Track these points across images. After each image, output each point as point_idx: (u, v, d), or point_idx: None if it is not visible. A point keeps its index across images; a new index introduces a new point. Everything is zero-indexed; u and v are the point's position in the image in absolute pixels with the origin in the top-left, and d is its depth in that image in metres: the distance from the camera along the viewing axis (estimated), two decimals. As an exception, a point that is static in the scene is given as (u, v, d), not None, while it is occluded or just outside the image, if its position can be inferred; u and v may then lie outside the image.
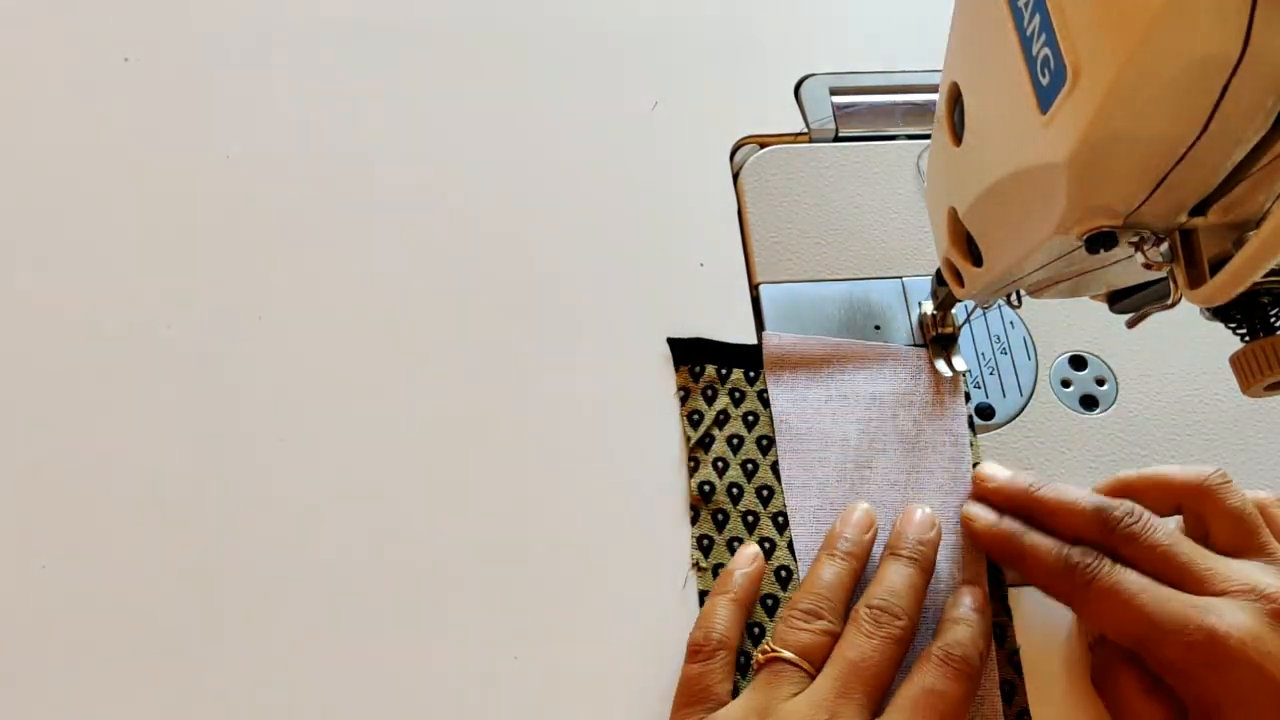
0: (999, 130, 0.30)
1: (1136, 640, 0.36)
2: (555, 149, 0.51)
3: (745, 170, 0.52)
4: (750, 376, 0.46)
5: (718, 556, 0.42)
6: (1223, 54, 0.22)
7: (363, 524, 0.42)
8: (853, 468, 0.44)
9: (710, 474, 0.43)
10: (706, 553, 0.42)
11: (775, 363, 0.46)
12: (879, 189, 0.51)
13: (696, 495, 0.43)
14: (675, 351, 0.46)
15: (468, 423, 0.44)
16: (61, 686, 0.38)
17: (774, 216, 0.50)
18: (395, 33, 0.54)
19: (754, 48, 0.56)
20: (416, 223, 0.49)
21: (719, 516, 0.43)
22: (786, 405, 0.45)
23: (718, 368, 0.46)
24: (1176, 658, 0.35)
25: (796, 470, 0.44)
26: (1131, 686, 0.37)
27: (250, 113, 0.51)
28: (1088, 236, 0.27)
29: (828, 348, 0.47)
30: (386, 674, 0.39)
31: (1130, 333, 0.36)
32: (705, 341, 0.46)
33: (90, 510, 0.41)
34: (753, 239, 0.50)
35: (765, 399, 0.45)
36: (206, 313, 0.46)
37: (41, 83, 0.50)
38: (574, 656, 0.40)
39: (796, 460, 0.44)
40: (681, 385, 0.46)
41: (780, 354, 0.46)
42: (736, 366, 0.46)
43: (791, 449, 0.44)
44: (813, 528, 0.43)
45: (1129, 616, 0.35)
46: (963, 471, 0.44)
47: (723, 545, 0.42)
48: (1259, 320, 0.30)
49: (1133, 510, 0.38)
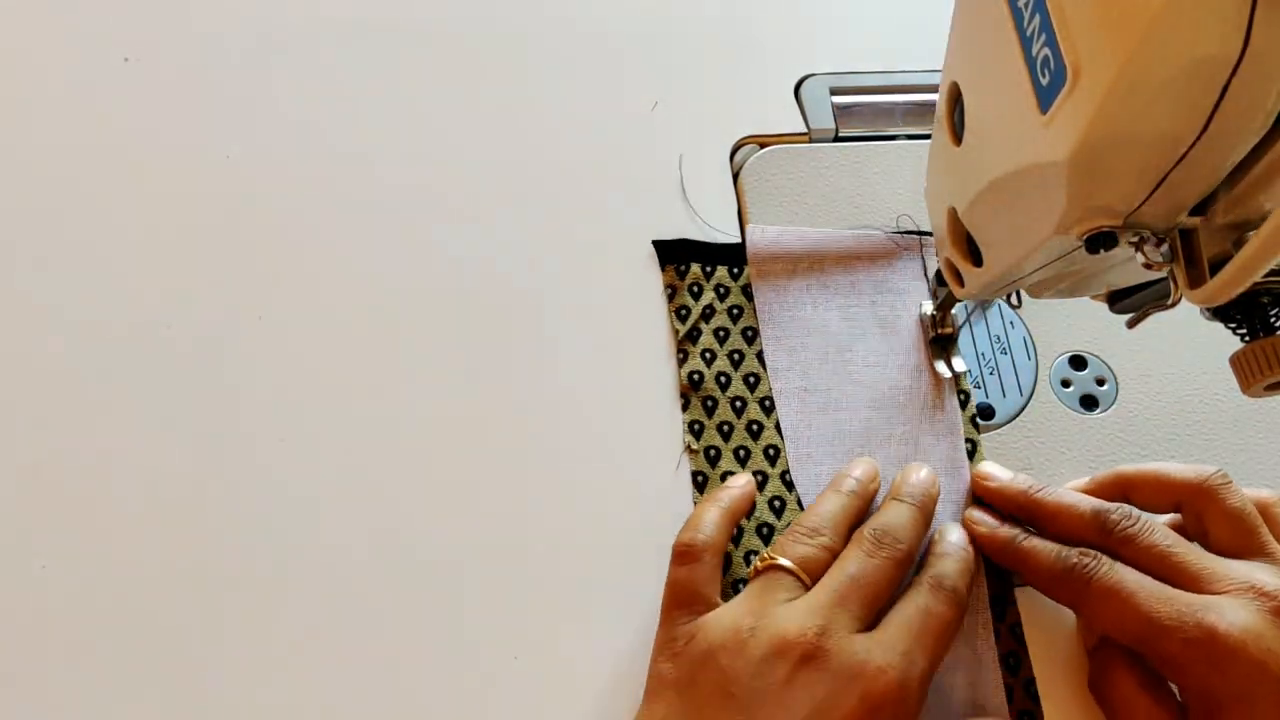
0: (999, 130, 0.30)
1: (1137, 639, 0.36)
2: (555, 149, 0.51)
3: (745, 170, 0.52)
4: (734, 273, 0.48)
5: (708, 439, 0.44)
6: (1223, 54, 0.22)
7: (363, 523, 0.42)
8: (834, 351, 0.46)
9: (699, 364, 0.45)
10: (698, 436, 0.44)
11: (758, 254, 0.48)
12: (879, 189, 0.51)
13: (686, 384, 0.45)
14: (661, 252, 0.48)
15: (468, 422, 0.44)
16: (61, 686, 0.38)
17: (774, 216, 0.50)
18: (395, 33, 0.54)
19: (754, 48, 0.56)
20: (416, 223, 0.49)
21: (709, 403, 0.45)
22: (769, 295, 0.47)
23: (702, 266, 0.48)
24: (1176, 655, 0.35)
25: (780, 355, 0.46)
26: (1130, 686, 0.37)
27: (250, 113, 0.51)
28: (1088, 236, 0.27)
29: (808, 240, 0.49)
30: (386, 674, 0.39)
31: (1130, 333, 0.36)
32: (690, 242, 0.49)
33: (90, 510, 0.41)
34: (753, 239, 0.50)
35: (749, 293, 0.48)
36: (206, 313, 0.46)
37: (41, 83, 0.50)
38: (574, 656, 0.40)
39: (780, 346, 0.46)
40: (668, 283, 0.48)
41: (764, 245, 0.48)
42: (720, 264, 0.48)
43: (775, 336, 0.47)
44: (798, 408, 0.45)
45: (1128, 615, 0.35)
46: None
47: (713, 429, 0.44)
48: (1259, 320, 0.30)
49: (1130, 513, 0.38)
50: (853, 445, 0.44)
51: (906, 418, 0.45)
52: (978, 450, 0.45)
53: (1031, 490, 0.41)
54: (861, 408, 0.45)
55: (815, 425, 0.45)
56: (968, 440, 0.45)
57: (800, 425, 0.44)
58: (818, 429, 0.45)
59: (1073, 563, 0.37)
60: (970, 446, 0.44)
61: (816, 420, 0.45)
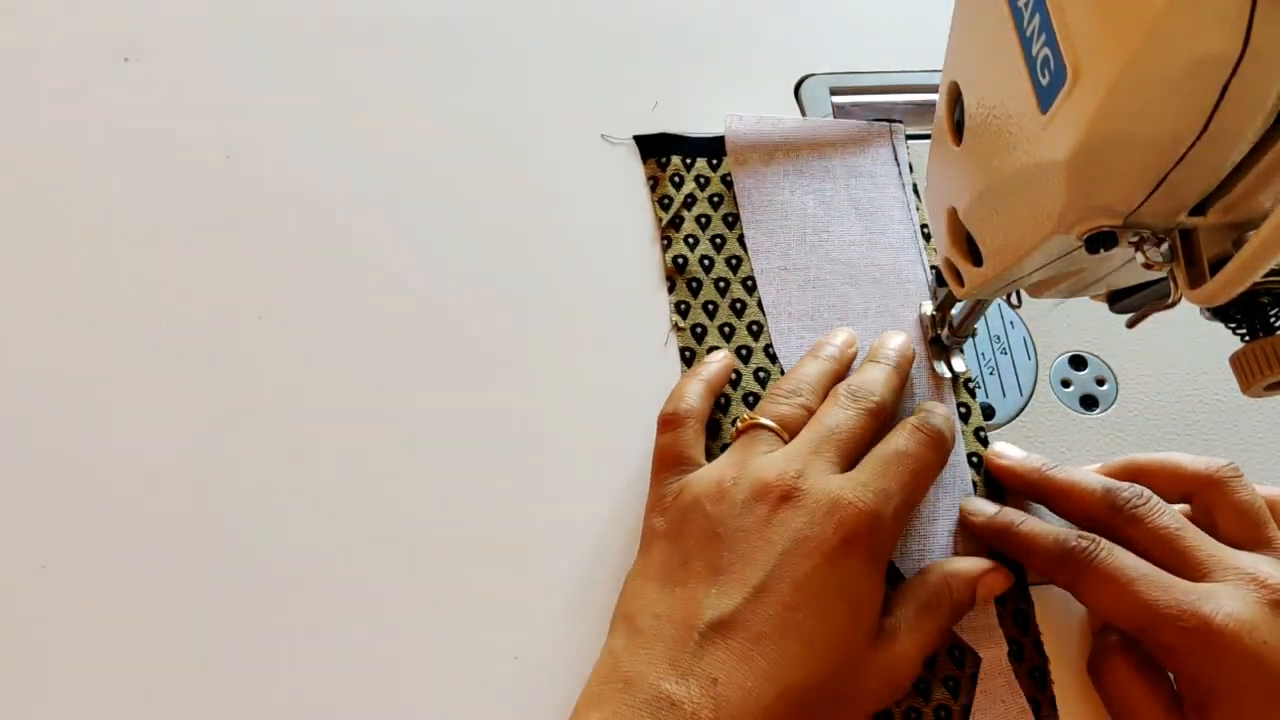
0: (999, 130, 0.30)
1: (1134, 625, 0.36)
2: (555, 149, 0.51)
3: (745, 170, 0.52)
4: (713, 164, 0.50)
5: (694, 318, 0.47)
6: (1223, 53, 0.22)
7: (363, 523, 0.42)
8: (811, 232, 0.49)
9: (683, 249, 0.48)
10: (684, 315, 0.47)
11: (736, 143, 0.50)
12: (879, 189, 0.51)
13: (671, 268, 0.48)
14: (642, 146, 0.51)
15: (468, 421, 0.44)
16: (62, 686, 0.38)
17: (774, 216, 0.50)
18: (395, 33, 0.54)
19: (754, 48, 0.56)
20: (416, 222, 0.49)
21: (693, 284, 0.47)
22: (748, 182, 0.50)
23: (683, 158, 0.50)
24: (1172, 643, 0.35)
25: (760, 237, 0.48)
26: (1126, 671, 0.38)
27: (250, 112, 0.51)
28: (1088, 236, 0.27)
29: (784, 129, 0.51)
30: (385, 673, 0.39)
31: (1130, 333, 0.36)
32: (670, 135, 0.51)
33: (90, 510, 0.41)
34: (753, 239, 0.50)
35: (728, 182, 0.50)
36: (206, 312, 0.46)
37: (41, 83, 0.50)
38: (573, 656, 0.40)
39: (760, 229, 0.49)
40: (650, 175, 0.50)
41: (742, 134, 0.51)
42: (700, 156, 0.50)
43: (754, 220, 0.49)
44: (778, 285, 0.48)
45: (1126, 601, 0.36)
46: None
47: (698, 308, 0.47)
48: (1259, 320, 0.30)
49: (1141, 493, 0.38)
50: (832, 319, 0.47)
51: (883, 292, 0.48)
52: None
53: (1044, 468, 0.41)
54: (838, 284, 0.48)
55: (795, 301, 0.47)
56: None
57: (781, 301, 0.47)
58: (798, 304, 0.47)
59: (1071, 545, 0.37)
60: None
61: (796, 296, 0.47)
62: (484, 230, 0.49)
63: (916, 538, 0.42)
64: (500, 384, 0.45)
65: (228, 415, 0.44)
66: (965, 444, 0.44)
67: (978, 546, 0.42)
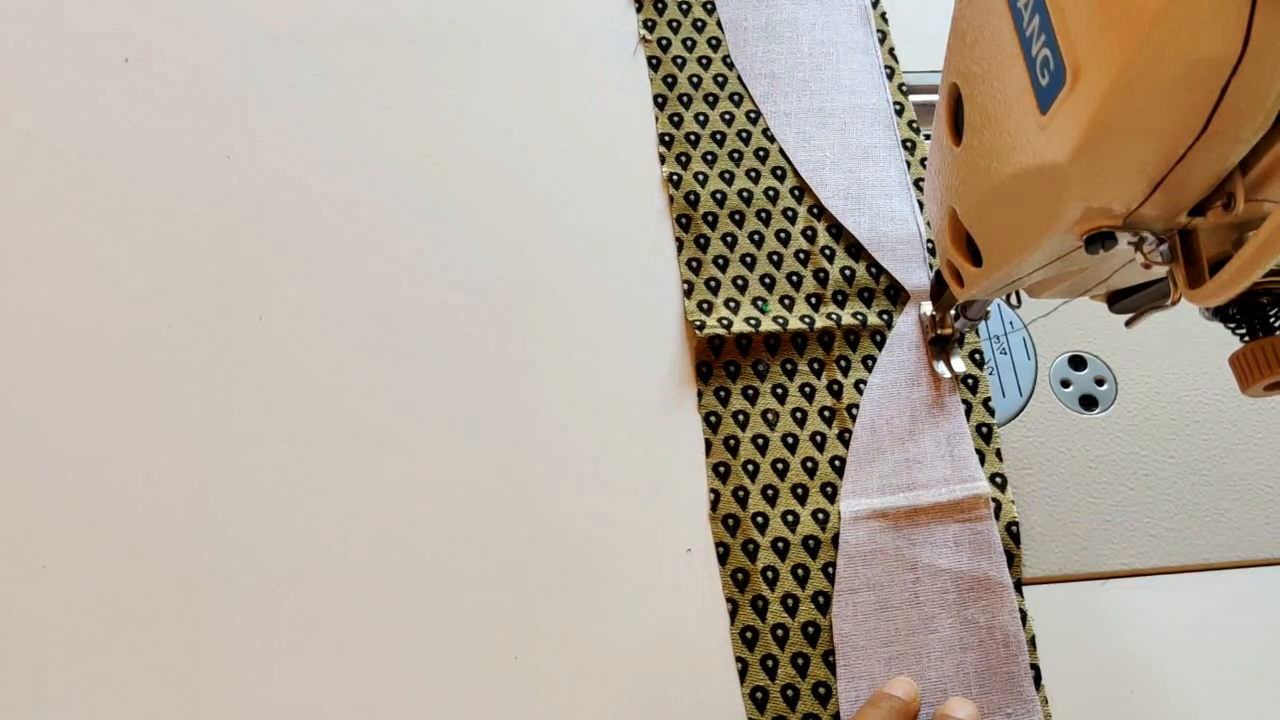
0: (999, 131, 0.30)
1: None
2: (555, 148, 0.51)
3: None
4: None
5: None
6: (1223, 54, 0.22)
7: (362, 523, 0.42)
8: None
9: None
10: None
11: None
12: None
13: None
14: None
15: (468, 420, 0.44)
16: (61, 686, 0.38)
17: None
18: (395, 33, 0.54)
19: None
20: (416, 222, 0.49)
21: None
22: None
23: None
24: None
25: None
26: None
27: (251, 113, 0.51)
28: (1087, 236, 0.27)
29: None
30: (385, 672, 0.39)
31: (1130, 333, 0.36)
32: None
33: (90, 509, 0.41)
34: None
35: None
36: (206, 313, 0.46)
37: (41, 83, 0.50)
38: (573, 655, 0.40)
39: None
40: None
41: None
42: None
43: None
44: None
45: None
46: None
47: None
48: (1258, 320, 0.30)
49: None
50: None
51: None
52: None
53: None
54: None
55: None
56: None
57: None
58: None
59: None
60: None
61: None
62: (484, 230, 0.49)
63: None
64: (500, 384, 0.45)
65: (228, 415, 0.43)
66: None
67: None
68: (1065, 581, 0.43)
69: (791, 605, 0.41)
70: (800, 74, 0.53)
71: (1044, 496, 0.45)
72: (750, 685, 0.40)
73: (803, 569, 0.42)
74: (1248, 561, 0.44)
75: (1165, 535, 0.44)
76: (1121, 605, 0.43)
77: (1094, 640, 0.42)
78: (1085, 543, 0.44)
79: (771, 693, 0.40)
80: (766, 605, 0.41)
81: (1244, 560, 0.44)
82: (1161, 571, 0.44)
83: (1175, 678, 0.41)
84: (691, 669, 0.40)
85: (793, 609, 0.41)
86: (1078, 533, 0.44)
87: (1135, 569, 0.44)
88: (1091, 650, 0.42)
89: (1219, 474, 0.46)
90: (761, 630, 0.41)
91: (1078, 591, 0.43)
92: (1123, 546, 0.44)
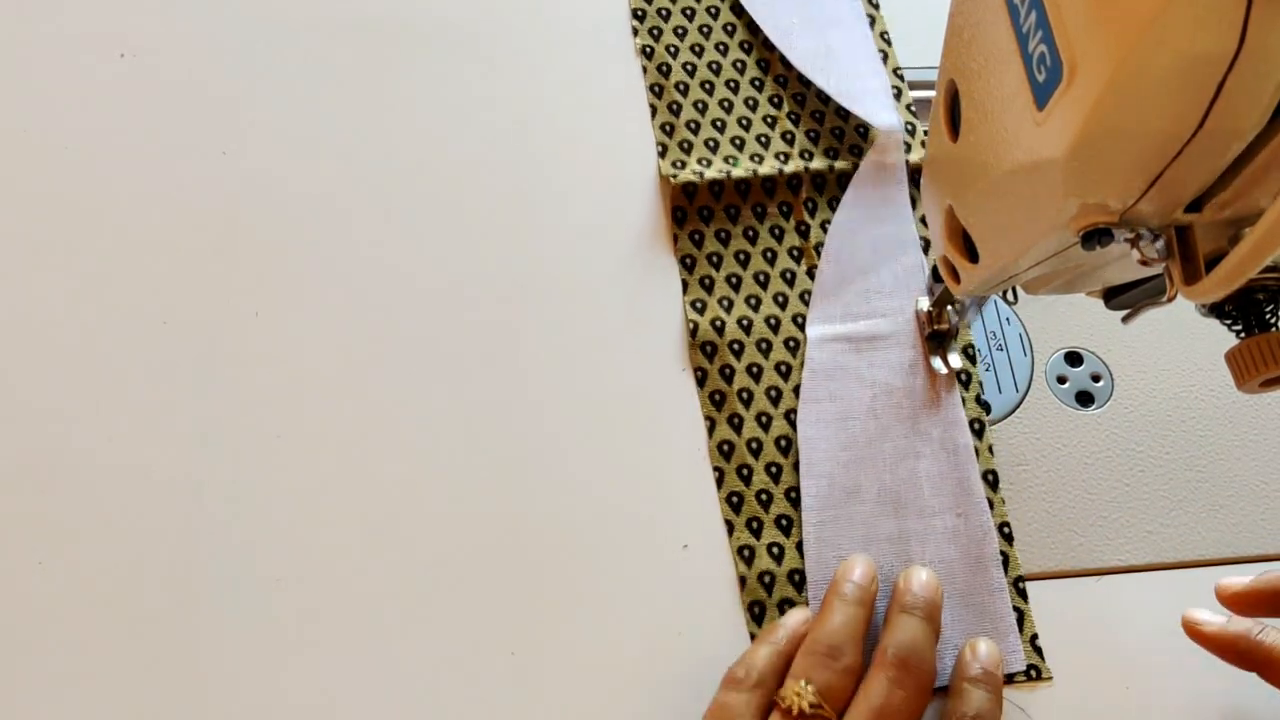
0: (995, 127, 0.30)
1: None
2: (554, 148, 0.51)
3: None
4: None
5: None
6: (1219, 51, 0.22)
7: (360, 521, 0.42)
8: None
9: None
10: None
11: None
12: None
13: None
14: None
15: (467, 418, 0.44)
16: (59, 683, 0.38)
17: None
18: (395, 32, 0.53)
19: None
20: (414, 219, 0.49)
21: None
22: None
23: None
24: None
25: None
26: None
27: (247, 109, 0.51)
28: (1083, 233, 0.27)
29: None
30: (384, 671, 0.39)
31: (1126, 329, 0.36)
32: None
33: (86, 506, 0.41)
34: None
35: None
36: (202, 309, 0.46)
37: (38, 78, 0.50)
38: (573, 655, 0.40)
39: None
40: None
41: None
42: None
43: None
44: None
45: None
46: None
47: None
48: (1254, 316, 0.30)
49: None
50: None
51: None
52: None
53: (1250, 634, 0.38)
54: None
55: None
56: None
57: None
58: None
59: None
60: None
61: None
62: (482, 226, 0.49)
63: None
64: (499, 382, 0.45)
65: (224, 412, 0.43)
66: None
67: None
68: (1061, 577, 0.43)
69: (765, 422, 0.45)
70: None
71: (1040, 492, 0.45)
72: (726, 491, 0.44)
73: (775, 390, 0.45)
74: (1244, 557, 0.44)
75: (1161, 531, 0.44)
76: (1118, 601, 0.43)
77: (1090, 636, 0.42)
78: (1081, 538, 0.44)
79: (746, 497, 0.44)
80: (742, 422, 0.45)
81: (1240, 556, 0.44)
82: (1158, 567, 0.44)
83: (1172, 673, 0.41)
84: (691, 667, 0.40)
85: (766, 425, 0.45)
86: (1074, 528, 0.44)
87: (1131, 565, 0.44)
88: (1088, 646, 0.42)
89: (1215, 470, 0.46)
90: (737, 444, 0.44)
91: (1073, 587, 0.43)
92: (1119, 542, 0.44)
